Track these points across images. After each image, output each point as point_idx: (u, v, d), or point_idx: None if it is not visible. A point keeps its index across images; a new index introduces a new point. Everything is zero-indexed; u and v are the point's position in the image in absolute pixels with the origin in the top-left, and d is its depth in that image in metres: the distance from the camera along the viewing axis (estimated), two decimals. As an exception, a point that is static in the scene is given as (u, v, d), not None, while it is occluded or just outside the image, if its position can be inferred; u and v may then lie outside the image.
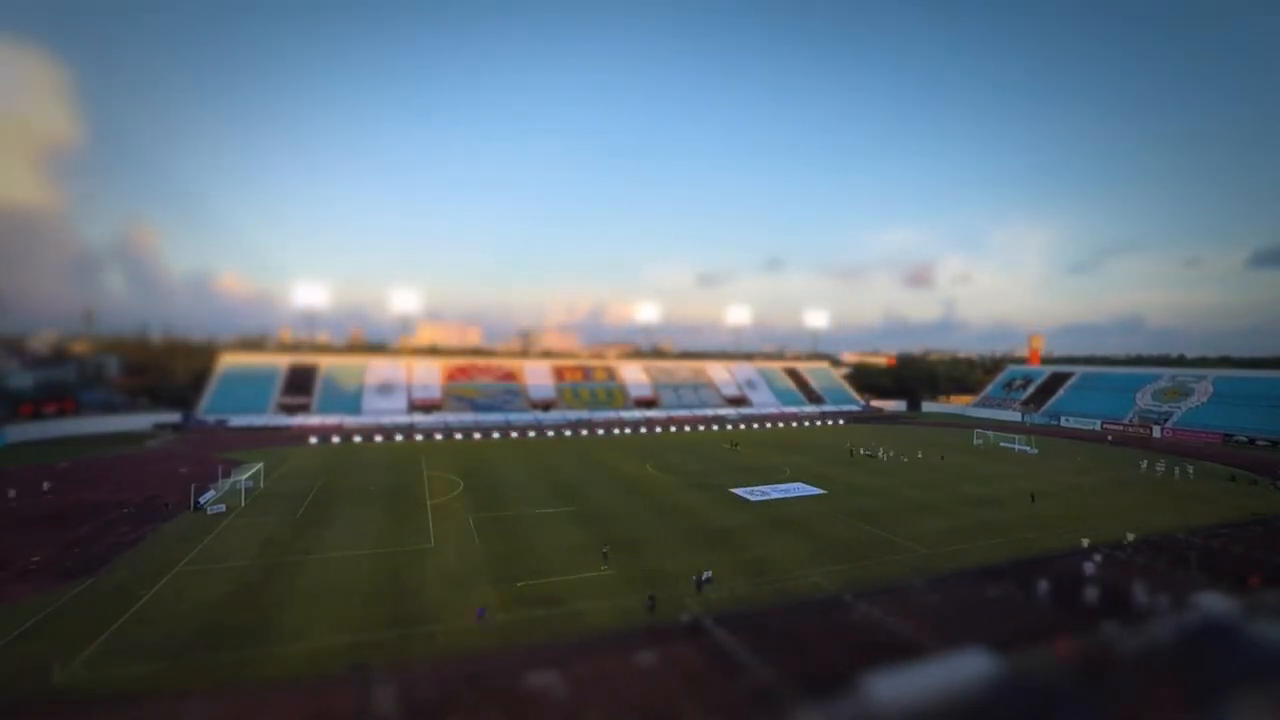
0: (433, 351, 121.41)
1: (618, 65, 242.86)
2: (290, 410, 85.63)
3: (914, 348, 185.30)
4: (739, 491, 44.82)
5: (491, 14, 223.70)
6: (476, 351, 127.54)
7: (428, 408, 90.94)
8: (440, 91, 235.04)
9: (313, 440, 70.71)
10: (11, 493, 41.63)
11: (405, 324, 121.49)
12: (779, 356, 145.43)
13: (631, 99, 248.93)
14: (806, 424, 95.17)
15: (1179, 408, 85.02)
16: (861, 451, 63.36)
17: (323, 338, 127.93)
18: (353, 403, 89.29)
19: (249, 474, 43.56)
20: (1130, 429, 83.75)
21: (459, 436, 77.11)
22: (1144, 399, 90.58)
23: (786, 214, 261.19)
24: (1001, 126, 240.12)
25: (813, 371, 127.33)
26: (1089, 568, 27.50)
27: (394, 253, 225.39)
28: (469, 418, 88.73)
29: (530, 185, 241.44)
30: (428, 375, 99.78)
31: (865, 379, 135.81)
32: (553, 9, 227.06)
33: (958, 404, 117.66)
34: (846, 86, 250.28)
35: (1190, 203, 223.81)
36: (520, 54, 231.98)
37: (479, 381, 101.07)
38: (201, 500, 39.01)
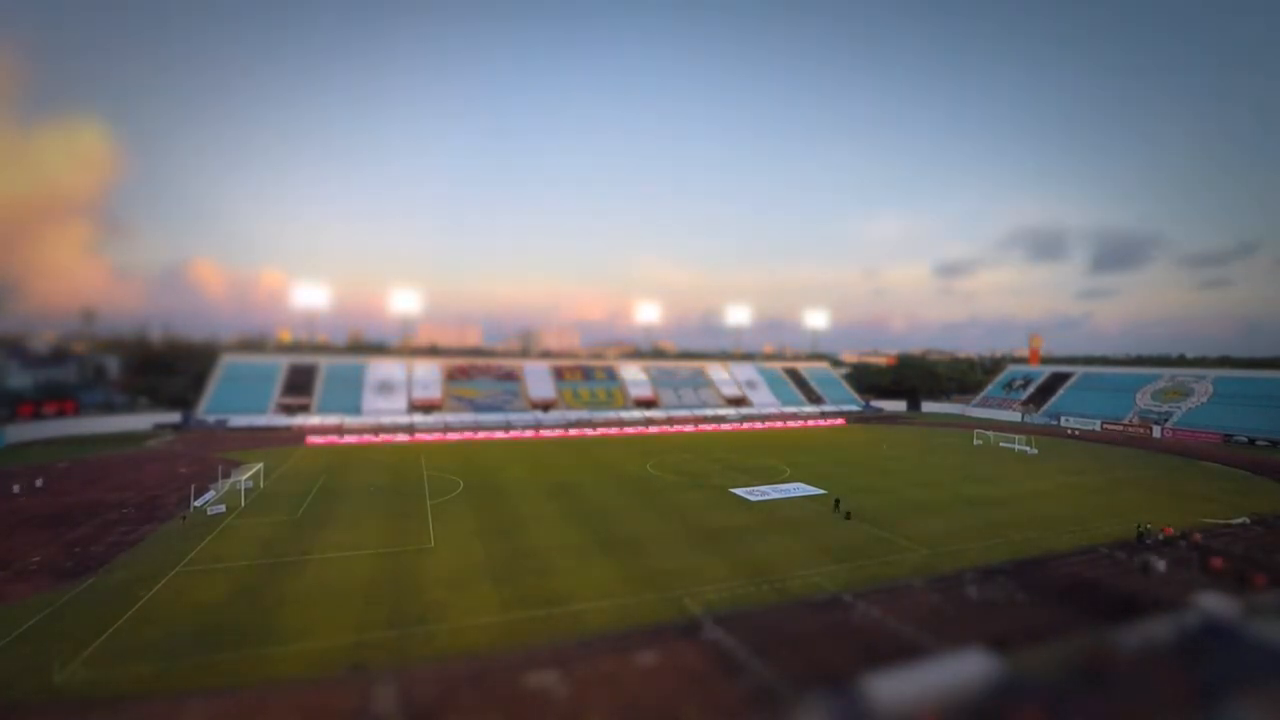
0: (433, 351, 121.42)
1: (616, 66, 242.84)
2: (290, 410, 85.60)
3: (914, 348, 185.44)
4: (739, 491, 44.82)
5: (493, 14, 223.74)
6: (476, 351, 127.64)
7: (428, 408, 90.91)
8: (442, 92, 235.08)
9: (313, 440, 70.70)
10: (16, 487, 42.33)
11: (405, 324, 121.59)
12: (779, 357, 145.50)
13: (632, 98, 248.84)
14: (807, 424, 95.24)
15: (1179, 408, 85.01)
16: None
17: (323, 338, 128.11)
18: (353, 403, 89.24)
19: (249, 474, 43.56)
20: (1130, 429, 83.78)
21: (459, 436, 77.12)
22: (1144, 399, 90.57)
23: (784, 208, 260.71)
24: (1005, 119, 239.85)
25: (812, 371, 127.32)
26: (1090, 568, 27.47)
27: (394, 253, 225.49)
28: (469, 418, 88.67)
29: (531, 185, 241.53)
30: (428, 375, 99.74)
31: (865, 379, 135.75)
32: (554, 9, 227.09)
33: (958, 404, 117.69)
34: (839, 72, 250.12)
35: (1192, 201, 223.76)
36: (522, 55, 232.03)
37: (479, 381, 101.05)
38: (200, 501, 39.03)
